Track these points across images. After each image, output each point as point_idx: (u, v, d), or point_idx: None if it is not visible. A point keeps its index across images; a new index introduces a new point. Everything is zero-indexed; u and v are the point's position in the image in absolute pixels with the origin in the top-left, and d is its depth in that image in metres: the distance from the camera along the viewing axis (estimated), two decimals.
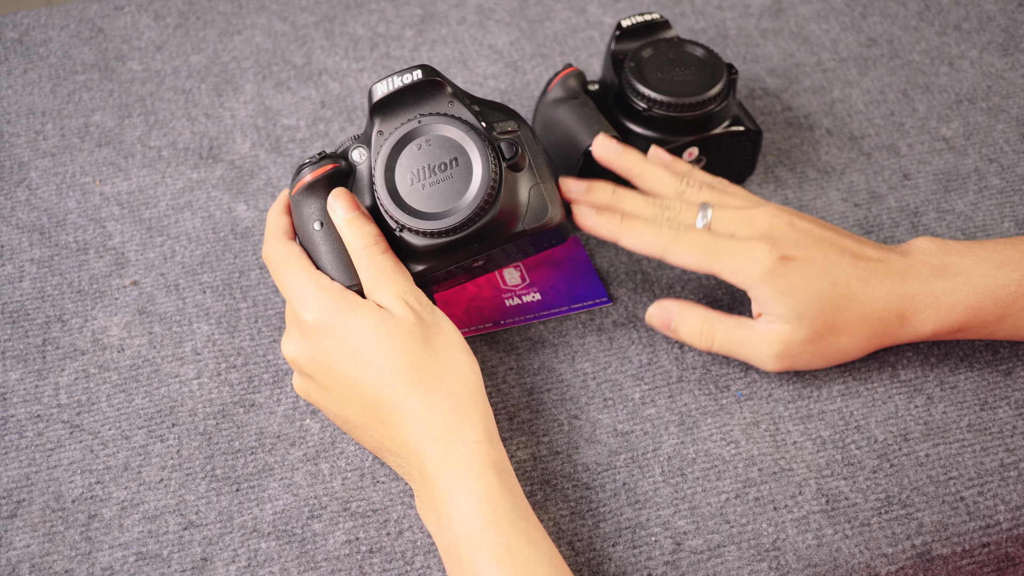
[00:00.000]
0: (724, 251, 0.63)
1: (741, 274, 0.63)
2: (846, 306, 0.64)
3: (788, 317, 0.64)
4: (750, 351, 0.65)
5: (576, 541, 0.62)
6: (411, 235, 0.62)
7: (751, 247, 0.63)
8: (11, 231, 0.77)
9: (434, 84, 0.62)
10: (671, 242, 0.64)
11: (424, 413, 0.58)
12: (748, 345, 0.65)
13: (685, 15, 0.94)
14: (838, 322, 0.64)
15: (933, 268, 0.65)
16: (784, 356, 0.65)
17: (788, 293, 0.63)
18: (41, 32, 0.91)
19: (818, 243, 0.64)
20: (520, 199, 0.62)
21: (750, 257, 0.63)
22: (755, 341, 0.65)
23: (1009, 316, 0.65)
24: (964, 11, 0.95)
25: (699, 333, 0.66)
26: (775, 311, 0.64)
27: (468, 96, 0.63)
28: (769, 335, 0.64)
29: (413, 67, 0.62)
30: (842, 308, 0.64)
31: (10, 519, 0.62)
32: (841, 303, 0.63)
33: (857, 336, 0.65)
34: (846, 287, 0.63)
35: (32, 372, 0.69)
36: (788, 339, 0.64)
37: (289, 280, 0.63)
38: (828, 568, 0.62)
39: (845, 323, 0.64)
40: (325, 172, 0.63)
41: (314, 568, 0.61)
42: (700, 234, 0.64)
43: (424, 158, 0.61)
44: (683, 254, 0.64)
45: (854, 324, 0.64)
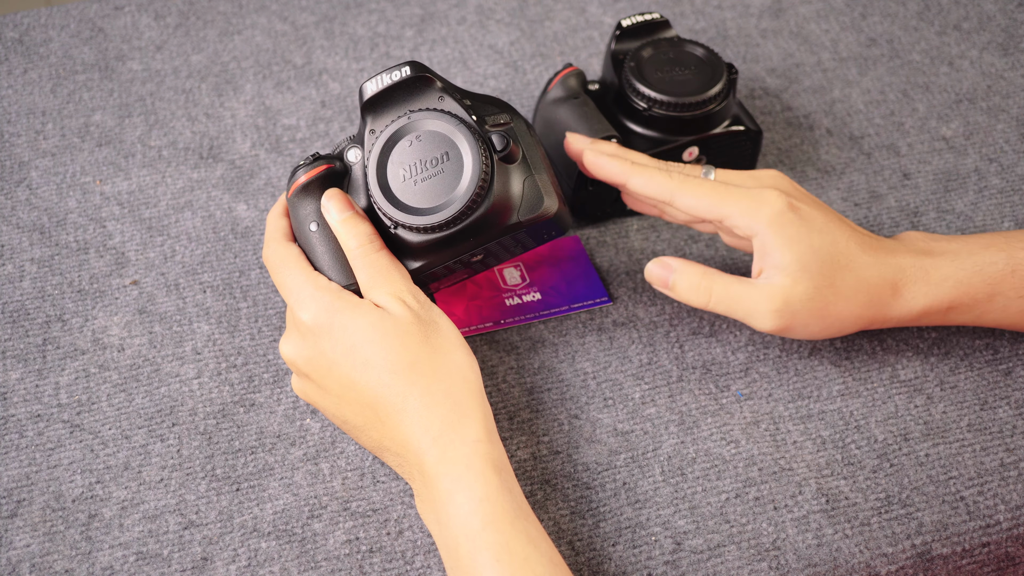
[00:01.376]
0: (733, 195, 0.63)
1: (749, 216, 0.63)
2: (845, 265, 0.63)
3: (791, 268, 0.63)
4: (749, 307, 0.64)
5: (576, 541, 0.62)
6: (405, 231, 0.62)
7: (760, 192, 0.63)
8: (11, 231, 0.77)
9: (423, 80, 0.62)
10: (680, 184, 0.63)
11: (423, 412, 0.58)
12: (747, 300, 0.64)
13: (685, 15, 0.94)
14: (837, 281, 0.63)
15: (920, 250, 0.66)
16: (783, 312, 0.64)
17: (795, 240, 0.63)
18: (41, 32, 0.91)
19: (819, 205, 0.65)
20: (514, 191, 0.61)
21: (760, 199, 0.63)
22: (754, 296, 0.64)
23: (998, 295, 0.66)
24: (964, 11, 0.95)
25: (696, 288, 0.65)
26: (779, 260, 0.63)
27: (459, 91, 0.63)
28: (769, 290, 0.63)
29: (402, 64, 0.62)
30: (842, 267, 0.63)
31: (10, 519, 0.62)
32: (841, 261, 0.63)
33: (853, 301, 0.64)
34: (846, 247, 0.64)
35: (32, 372, 0.69)
36: (788, 294, 0.63)
37: (287, 281, 0.63)
38: (828, 568, 0.62)
39: (844, 284, 0.64)
40: (319, 173, 0.63)
41: (314, 568, 0.61)
42: (707, 181, 0.64)
43: (415, 154, 0.61)
44: (691, 197, 0.63)
45: (852, 287, 0.64)
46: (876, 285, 0.64)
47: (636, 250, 0.77)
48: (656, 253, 0.76)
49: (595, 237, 0.77)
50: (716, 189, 0.64)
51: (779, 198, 0.63)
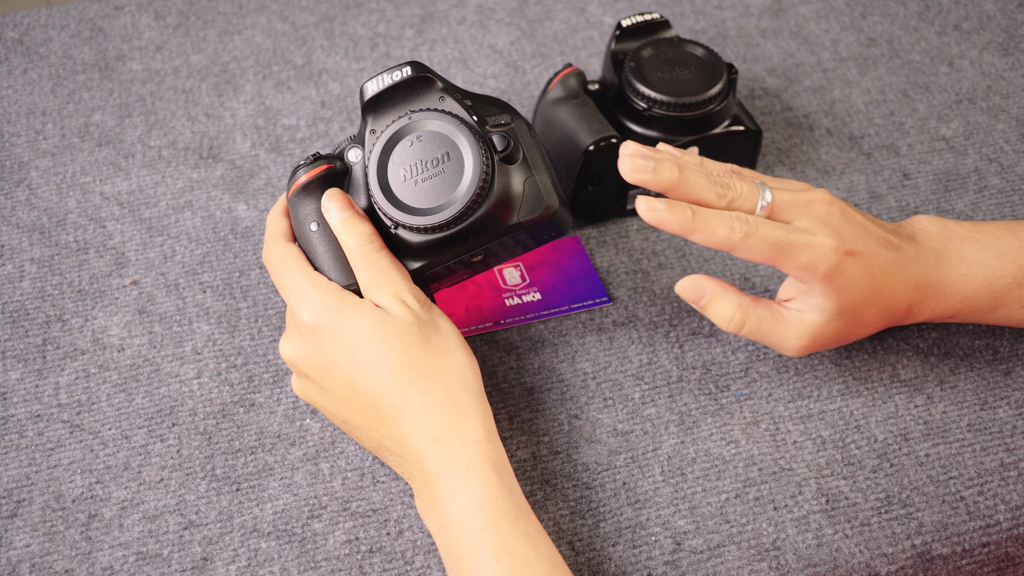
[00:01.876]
0: (795, 247, 0.63)
1: (807, 271, 0.63)
2: (876, 301, 0.64)
3: (830, 313, 0.64)
4: (776, 339, 0.65)
5: (576, 541, 0.62)
6: (406, 232, 0.62)
7: (820, 244, 0.63)
8: (11, 231, 0.77)
9: (424, 80, 0.62)
10: (744, 238, 0.63)
11: (423, 412, 0.58)
12: (776, 334, 0.65)
13: (685, 15, 0.94)
14: (864, 316, 0.65)
15: (936, 256, 0.66)
16: (809, 347, 0.65)
17: (842, 291, 0.63)
18: (41, 32, 0.91)
19: (865, 234, 0.64)
20: (515, 191, 0.61)
21: (819, 255, 0.62)
22: (784, 331, 0.65)
23: (1001, 306, 0.66)
24: (964, 11, 0.95)
25: (730, 319, 0.65)
26: (821, 306, 0.64)
27: (460, 91, 0.63)
28: (801, 327, 0.64)
29: (403, 64, 0.62)
30: (872, 303, 0.64)
31: (10, 519, 0.62)
32: (874, 299, 0.64)
33: (873, 327, 0.66)
34: (881, 281, 0.64)
35: (32, 372, 0.69)
36: (819, 331, 0.64)
37: (287, 281, 0.63)
38: (828, 568, 0.62)
39: (870, 316, 0.65)
40: (319, 173, 0.63)
41: (314, 568, 0.61)
42: (771, 228, 0.63)
43: (416, 154, 0.61)
44: (754, 250, 0.63)
45: (875, 316, 0.65)
46: (896, 310, 0.66)
47: (636, 250, 0.77)
48: (656, 253, 0.76)
49: (595, 237, 0.77)
50: (778, 243, 0.63)
51: (834, 253, 0.62)
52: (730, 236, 0.62)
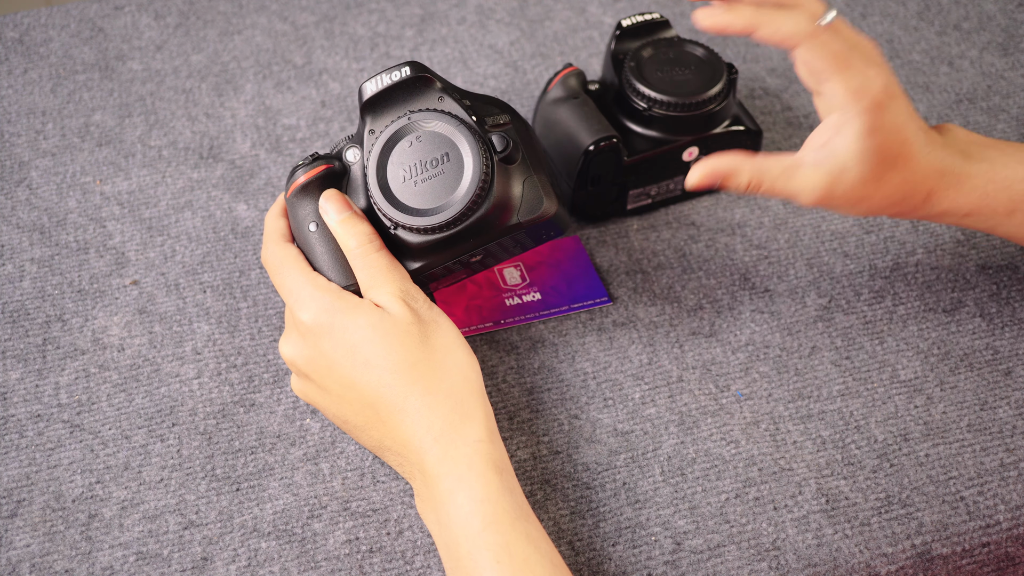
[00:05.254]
0: (852, 65, 0.62)
1: (855, 95, 0.62)
2: (901, 165, 0.63)
3: (859, 153, 0.62)
4: (795, 187, 0.64)
5: (576, 541, 0.62)
6: (405, 232, 0.62)
7: (875, 74, 0.62)
8: (11, 231, 0.77)
9: (423, 80, 0.62)
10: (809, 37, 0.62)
11: (424, 412, 0.58)
12: (794, 182, 0.64)
13: (685, 15, 0.94)
14: (886, 177, 0.63)
15: (961, 151, 0.65)
16: (825, 194, 0.64)
17: (876, 130, 0.62)
18: (41, 32, 0.91)
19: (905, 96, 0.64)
20: (514, 191, 0.61)
21: (871, 82, 0.62)
22: (802, 178, 0.63)
23: (1018, 211, 0.66)
24: (964, 11, 0.95)
25: (746, 187, 0.64)
26: (850, 144, 0.62)
27: (459, 91, 0.63)
28: (821, 171, 0.63)
29: (402, 64, 0.62)
30: (897, 165, 0.63)
31: (10, 519, 0.62)
32: (899, 161, 0.63)
33: (889, 199, 0.64)
34: (909, 148, 0.63)
35: (32, 372, 0.69)
36: (839, 177, 0.63)
37: (286, 282, 0.63)
38: (828, 568, 0.62)
39: (890, 180, 0.64)
40: (318, 173, 0.63)
41: (314, 568, 0.61)
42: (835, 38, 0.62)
43: (416, 154, 0.61)
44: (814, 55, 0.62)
45: (895, 184, 0.64)
46: (915, 190, 0.64)
47: (636, 250, 0.77)
48: (656, 253, 0.76)
49: (595, 237, 0.77)
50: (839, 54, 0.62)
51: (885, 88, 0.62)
52: (796, 31, 0.61)
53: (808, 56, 0.62)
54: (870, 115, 0.62)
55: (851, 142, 0.62)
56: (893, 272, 0.76)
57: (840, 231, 0.78)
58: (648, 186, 0.77)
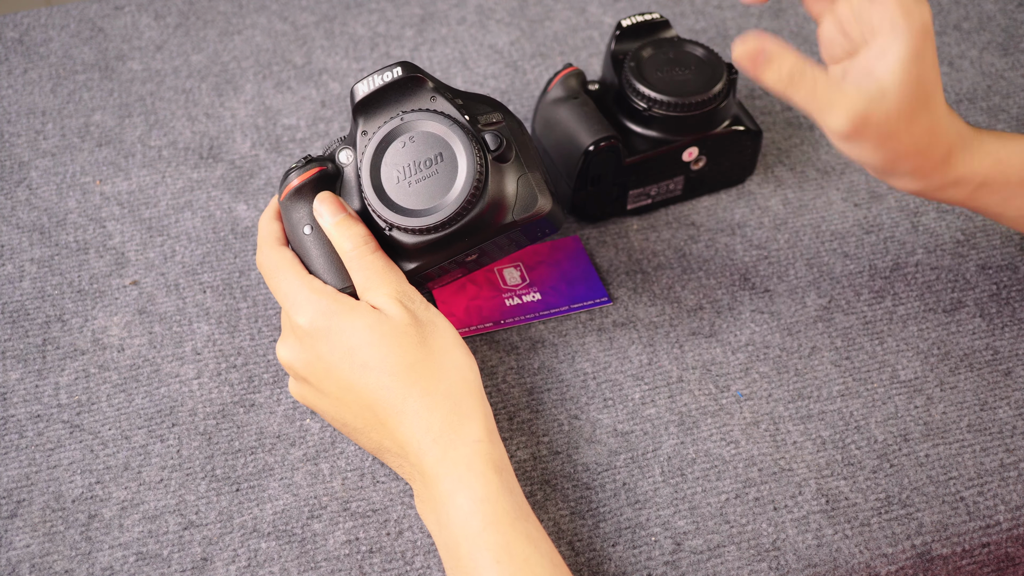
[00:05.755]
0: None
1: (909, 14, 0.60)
2: (932, 107, 0.61)
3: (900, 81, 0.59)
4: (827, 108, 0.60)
5: (576, 541, 0.62)
6: (401, 233, 0.62)
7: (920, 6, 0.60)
8: (11, 231, 0.77)
9: (415, 80, 0.62)
10: None
11: (423, 413, 0.58)
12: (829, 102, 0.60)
13: (685, 15, 0.94)
14: (916, 117, 0.61)
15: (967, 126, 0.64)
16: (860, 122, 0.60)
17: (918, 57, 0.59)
18: (41, 32, 0.91)
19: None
20: (508, 190, 0.61)
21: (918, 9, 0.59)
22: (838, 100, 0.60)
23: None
24: (964, 11, 0.95)
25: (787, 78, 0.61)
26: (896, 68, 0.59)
27: (451, 90, 0.63)
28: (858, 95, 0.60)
29: (393, 64, 0.62)
30: (925, 107, 0.61)
31: (10, 519, 0.62)
32: (931, 102, 0.61)
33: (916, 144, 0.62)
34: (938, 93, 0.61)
35: (32, 372, 0.69)
36: (873, 106, 0.60)
37: (282, 285, 0.63)
38: (828, 568, 0.62)
39: (918, 124, 0.61)
40: (311, 176, 0.63)
41: (314, 568, 0.61)
42: None
43: (409, 155, 0.61)
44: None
45: (923, 130, 0.61)
46: (937, 140, 0.62)
47: (636, 250, 0.77)
48: (656, 253, 0.76)
49: (595, 237, 0.77)
50: None
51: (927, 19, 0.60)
52: None
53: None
54: (918, 40, 0.59)
55: (896, 66, 0.59)
56: (893, 272, 0.76)
57: (840, 231, 0.78)
58: (648, 186, 0.77)
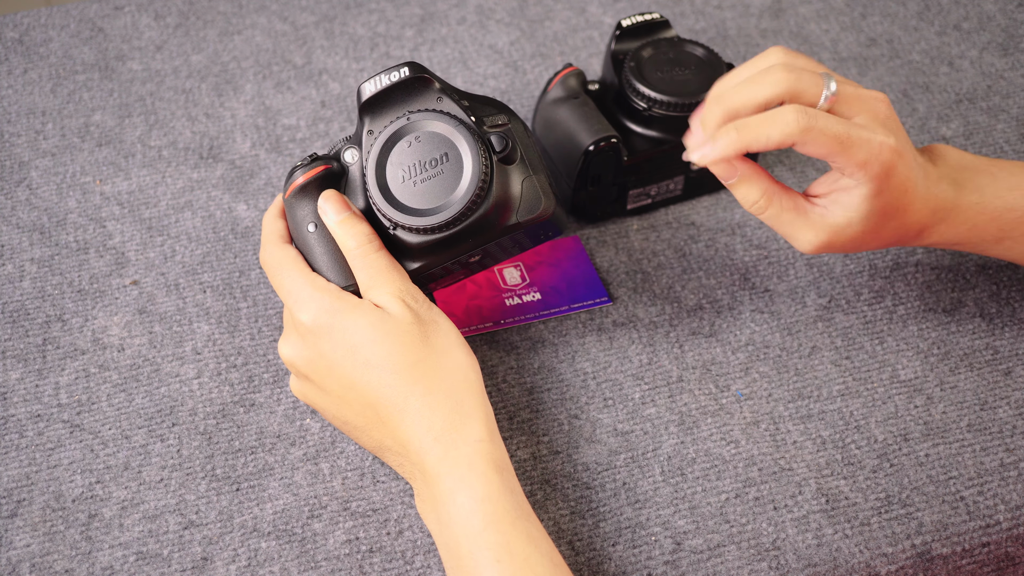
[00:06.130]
0: (855, 143, 0.61)
1: (863, 168, 0.62)
2: (898, 215, 0.64)
3: (860, 214, 0.63)
4: (793, 232, 0.64)
5: (576, 541, 0.62)
6: (405, 232, 0.62)
7: (880, 142, 0.61)
8: (11, 231, 0.77)
9: (422, 81, 0.62)
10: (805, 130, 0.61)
11: (424, 412, 0.58)
12: (794, 226, 0.64)
13: (685, 15, 0.94)
14: (884, 228, 0.64)
15: (953, 181, 0.65)
16: (823, 247, 0.64)
17: (884, 192, 0.62)
18: (41, 32, 0.91)
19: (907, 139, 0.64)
20: (513, 192, 0.61)
21: (877, 153, 0.61)
22: (803, 226, 0.64)
23: (1007, 239, 0.66)
24: (964, 11, 0.95)
25: (754, 202, 0.64)
26: (856, 206, 0.63)
27: (457, 91, 0.63)
28: (822, 224, 0.63)
29: (400, 64, 0.62)
30: (896, 216, 0.64)
31: (10, 519, 0.62)
32: (899, 212, 0.63)
33: (884, 241, 0.65)
34: (910, 195, 0.63)
35: (32, 372, 0.69)
36: (838, 233, 0.63)
37: (285, 283, 0.63)
38: (828, 568, 0.62)
39: (886, 229, 0.64)
40: (317, 174, 0.63)
41: (314, 568, 0.61)
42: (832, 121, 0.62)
43: (415, 155, 0.61)
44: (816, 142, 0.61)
45: (891, 231, 0.64)
46: (909, 230, 0.65)
47: (636, 250, 0.77)
48: (656, 253, 0.76)
49: (595, 237, 0.77)
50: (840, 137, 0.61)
51: (892, 153, 0.61)
52: (787, 132, 0.61)
53: (811, 149, 0.61)
54: (878, 180, 0.62)
55: (858, 203, 0.62)
56: (893, 272, 0.76)
57: None
58: (648, 186, 0.77)
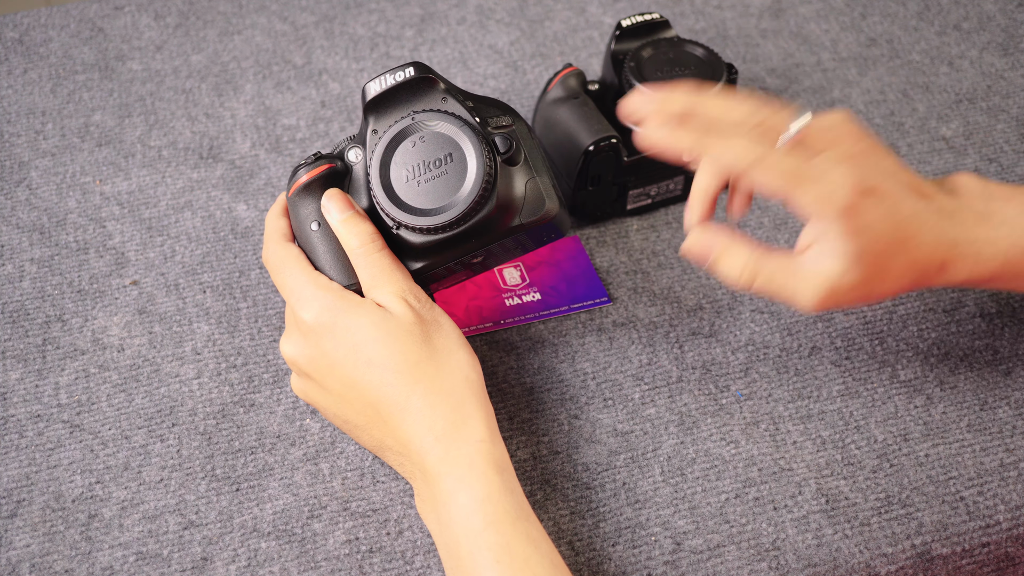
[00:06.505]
0: (807, 178, 0.58)
1: (819, 206, 0.58)
2: (900, 251, 0.60)
3: (848, 257, 0.59)
4: (791, 293, 0.60)
5: (576, 541, 0.62)
6: (408, 232, 0.62)
7: (835, 178, 0.58)
8: (11, 231, 0.77)
9: (427, 81, 0.62)
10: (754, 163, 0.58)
11: (426, 412, 0.58)
12: (790, 287, 0.60)
13: (685, 15, 0.94)
14: (888, 267, 0.60)
15: (977, 214, 0.62)
16: (826, 301, 0.60)
17: (858, 232, 0.58)
18: (41, 32, 0.91)
19: (893, 176, 0.60)
20: (516, 193, 0.62)
21: (832, 190, 0.58)
22: (799, 283, 0.60)
23: None
24: (964, 11, 0.95)
25: (739, 275, 0.61)
26: (839, 250, 0.59)
27: (462, 92, 0.63)
28: (817, 277, 0.59)
29: (405, 64, 0.62)
30: (897, 253, 0.60)
31: (10, 519, 0.62)
32: (897, 247, 0.59)
33: (900, 282, 0.61)
34: (906, 229, 0.59)
35: (32, 372, 0.69)
36: (836, 283, 0.59)
37: (288, 281, 0.63)
38: (828, 568, 0.62)
39: (894, 268, 0.60)
40: (320, 172, 0.63)
41: (314, 568, 0.61)
42: (784, 157, 0.59)
43: (419, 154, 0.61)
44: (764, 177, 0.59)
45: (901, 269, 0.60)
46: (926, 266, 0.61)
47: (636, 250, 0.77)
48: (656, 253, 0.76)
49: (595, 237, 0.77)
50: (791, 172, 0.58)
51: (851, 190, 0.58)
52: (737, 161, 0.59)
53: (759, 182, 0.59)
54: (844, 221, 0.58)
55: (836, 248, 0.59)
56: None
57: None
58: (648, 186, 0.77)
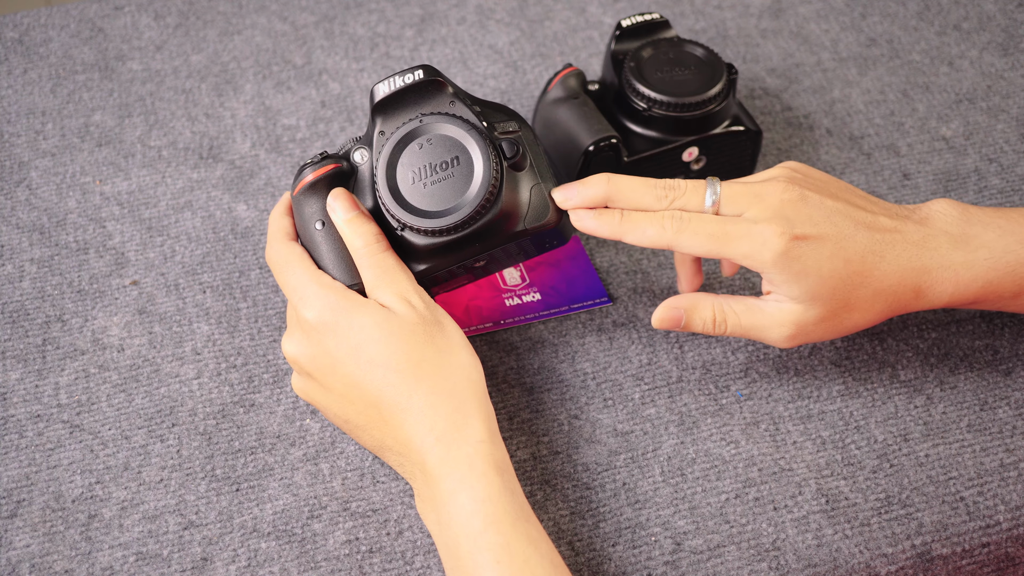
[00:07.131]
0: (732, 236, 0.61)
1: (752, 259, 0.61)
2: (860, 283, 0.62)
3: (801, 298, 0.62)
4: (762, 333, 0.64)
5: (576, 541, 0.62)
6: (412, 234, 0.62)
7: (760, 230, 0.61)
8: (11, 231, 0.77)
9: (435, 84, 0.62)
10: (677, 232, 0.62)
11: (427, 412, 0.58)
12: (760, 328, 0.64)
13: (685, 15, 0.94)
14: (852, 299, 0.62)
15: (953, 239, 0.63)
16: (797, 336, 0.63)
17: (802, 275, 0.61)
18: (41, 32, 0.91)
19: (832, 217, 0.62)
20: (521, 198, 0.62)
21: (760, 241, 0.61)
22: (767, 323, 0.64)
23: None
24: (964, 11, 0.95)
25: (712, 323, 0.65)
26: (788, 293, 0.62)
27: (469, 96, 0.63)
28: (781, 317, 0.63)
29: (414, 67, 0.62)
30: (856, 285, 0.62)
31: (10, 519, 0.62)
32: (856, 280, 0.62)
33: (871, 311, 0.63)
34: (861, 264, 0.62)
35: (32, 372, 0.69)
36: (800, 319, 0.63)
37: (291, 280, 0.63)
38: (828, 568, 0.62)
39: (859, 299, 0.62)
40: (326, 172, 0.63)
41: (314, 568, 0.61)
42: (705, 221, 0.62)
43: (426, 157, 0.61)
44: (691, 243, 0.62)
45: (868, 300, 0.63)
46: (896, 292, 0.63)
47: (636, 250, 0.77)
48: (656, 253, 0.76)
49: (595, 237, 0.77)
50: (714, 234, 0.62)
51: (779, 237, 0.61)
52: (661, 233, 0.62)
53: (689, 250, 0.62)
54: (782, 268, 0.61)
55: (790, 292, 0.62)
56: None
57: None
58: None
